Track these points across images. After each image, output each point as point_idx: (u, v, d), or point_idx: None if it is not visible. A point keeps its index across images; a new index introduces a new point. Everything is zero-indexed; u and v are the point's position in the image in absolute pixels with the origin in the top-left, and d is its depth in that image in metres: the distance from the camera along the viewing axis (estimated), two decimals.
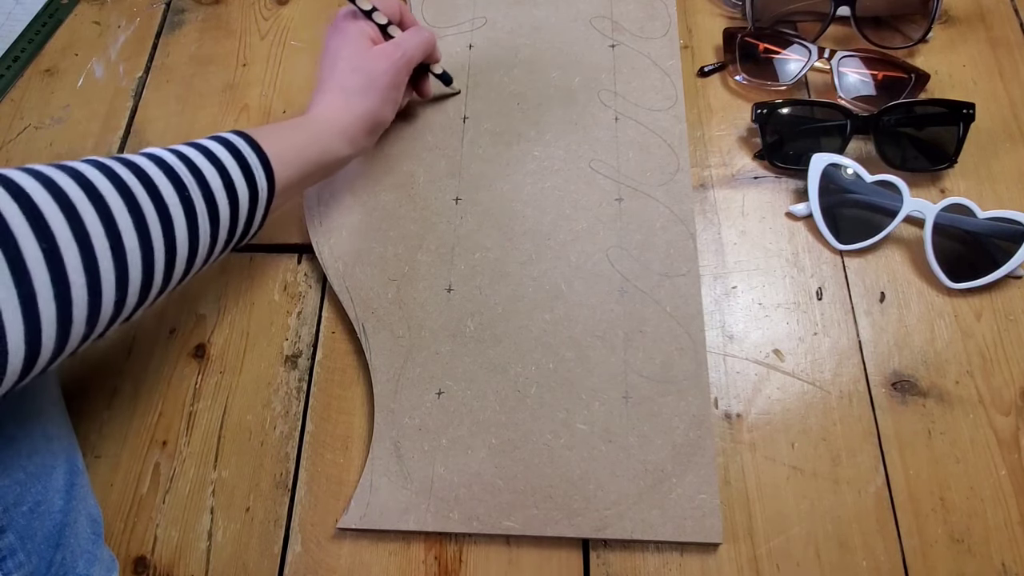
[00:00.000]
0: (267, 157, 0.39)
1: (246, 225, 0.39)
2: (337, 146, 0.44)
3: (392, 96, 0.47)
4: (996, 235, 0.48)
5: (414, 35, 0.48)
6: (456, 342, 0.47)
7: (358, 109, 0.45)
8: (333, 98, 0.45)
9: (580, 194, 0.51)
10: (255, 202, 0.39)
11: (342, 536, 0.43)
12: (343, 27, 0.47)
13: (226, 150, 0.38)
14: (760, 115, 0.53)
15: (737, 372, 0.46)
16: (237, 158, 0.38)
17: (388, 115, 0.48)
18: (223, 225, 0.37)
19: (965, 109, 0.51)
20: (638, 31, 0.58)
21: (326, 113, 0.44)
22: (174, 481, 0.45)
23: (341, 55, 0.46)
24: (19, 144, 0.58)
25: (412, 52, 0.47)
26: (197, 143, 0.38)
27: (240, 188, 0.37)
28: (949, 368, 0.46)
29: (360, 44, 0.46)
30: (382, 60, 0.46)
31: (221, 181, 0.36)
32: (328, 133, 0.44)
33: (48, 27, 0.65)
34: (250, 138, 0.39)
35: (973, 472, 0.43)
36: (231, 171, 0.37)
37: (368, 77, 0.45)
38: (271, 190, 0.40)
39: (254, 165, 0.38)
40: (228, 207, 0.37)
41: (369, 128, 0.46)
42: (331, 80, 0.46)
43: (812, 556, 0.41)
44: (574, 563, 0.42)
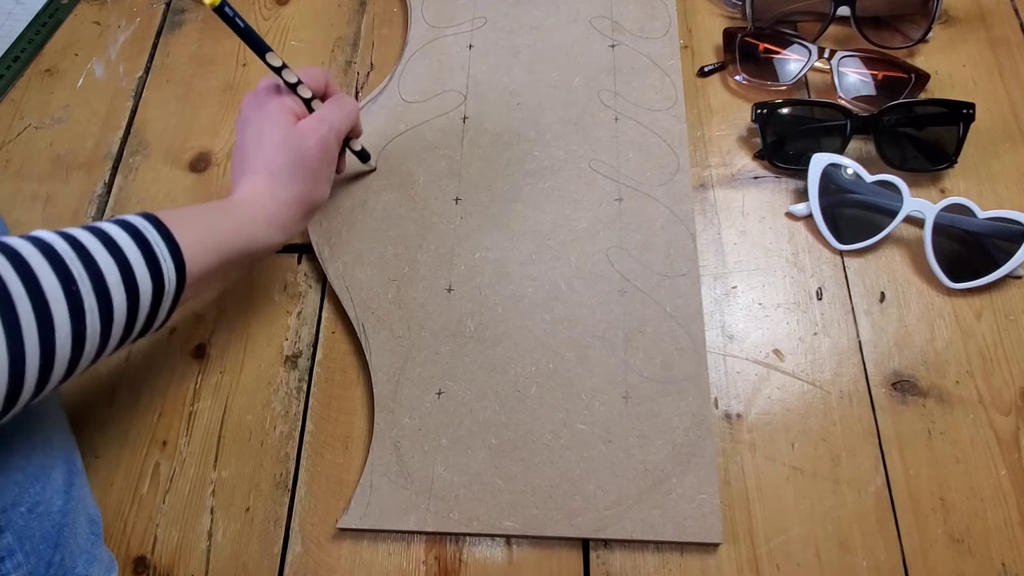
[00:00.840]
0: (178, 245, 0.35)
1: (147, 322, 0.34)
2: (264, 234, 0.40)
3: (325, 173, 0.43)
4: (996, 235, 0.48)
5: (339, 106, 0.45)
6: (456, 342, 0.47)
7: (287, 194, 0.41)
8: (259, 181, 0.41)
9: (580, 194, 0.51)
10: (159, 297, 0.34)
11: (342, 536, 0.43)
12: (264, 102, 0.43)
13: (128, 236, 0.33)
14: (760, 115, 0.53)
15: (737, 372, 0.46)
16: (141, 246, 0.33)
17: (322, 195, 0.44)
18: (117, 323, 0.32)
19: (965, 109, 0.51)
20: (638, 31, 0.58)
21: (252, 197, 0.40)
22: (174, 481, 0.45)
23: (265, 131, 0.41)
24: (19, 144, 0.58)
25: (339, 125, 0.44)
26: (95, 227, 0.33)
27: (142, 281, 0.33)
28: (949, 368, 0.46)
29: (283, 120, 0.42)
30: (309, 137, 0.42)
31: (119, 273, 0.32)
32: (254, 221, 0.40)
33: (48, 27, 0.65)
34: (159, 223, 0.35)
35: (973, 472, 0.43)
36: (132, 261, 0.32)
37: (296, 156, 0.41)
38: (180, 284, 0.35)
39: (161, 255, 0.34)
40: (125, 303, 0.32)
41: (302, 213, 0.43)
42: (255, 160, 0.41)
43: (812, 556, 0.41)
44: (574, 563, 0.42)
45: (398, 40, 0.61)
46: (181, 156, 0.57)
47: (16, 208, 0.55)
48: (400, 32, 0.62)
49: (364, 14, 0.64)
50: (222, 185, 0.55)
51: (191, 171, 0.56)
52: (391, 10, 0.63)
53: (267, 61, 0.42)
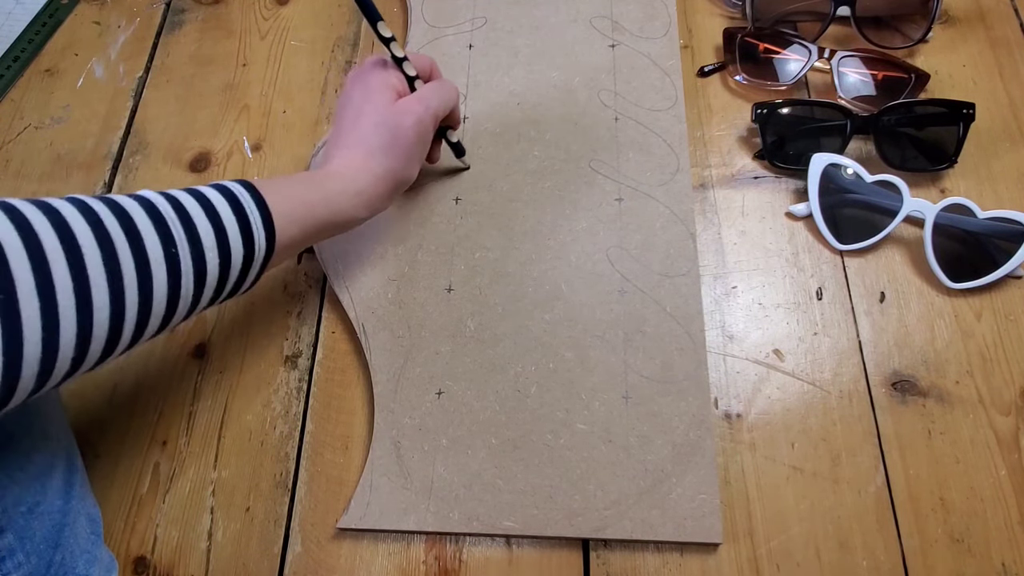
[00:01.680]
0: (270, 213, 0.36)
1: (235, 286, 0.35)
2: (352, 208, 0.40)
3: (417, 153, 0.43)
4: (996, 235, 0.48)
5: (439, 88, 0.45)
6: (456, 342, 0.47)
7: (379, 168, 0.41)
8: (353, 155, 0.41)
9: (580, 194, 0.51)
10: (249, 263, 0.35)
11: (342, 536, 0.43)
12: (368, 76, 0.43)
13: (226, 201, 0.34)
14: (760, 115, 0.53)
15: (737, 372, 0.46)
16: (237, 212, 0.34)
17: (411, 174, 0.44)
18: (209, 285, 0.33)
19: (965, 109, 0.51)
20: (638, 31, 0.58)
21: (344, 171, 0.41)
22: (174, 481, 0.45)
23: (364, 108, 0.42)
24: (19, 144, 0.58)
25: (438, 106, 0.44)
26: (196, 190, 0.34)
27: (235, 247, 0.34)
28: (949, 368, 0.46)
29: (384, 96, 0.42)
30: (407, 115, 0.42)
31: (215, 237, 0.33)
32: (344, 194, 0.40)
33: (48, 27, 0.65)
34: (255, 190, 0.36)
35: (973, 472, 0.43)
36: (228, 227, 0.33)
37: (392, 133, 0.41)
38: (269, 251, 0.36)
39: (254, 222, 0.35)
40: (218, 267, 0.33)
41: (390, 189, 0.43)
42: (352, 134, 0.42)
43: (812, 556, 0.41)
44: (574, 563, 0.42)
45: (398, 40, 0.61)
46: (181, 156, 0.57)
47: None
48: (400, 32, 0.62)
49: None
50: None
51: (191, 171, 0.56)
52: (391, 10, 0.63)
53: (378, 31, 0.42)
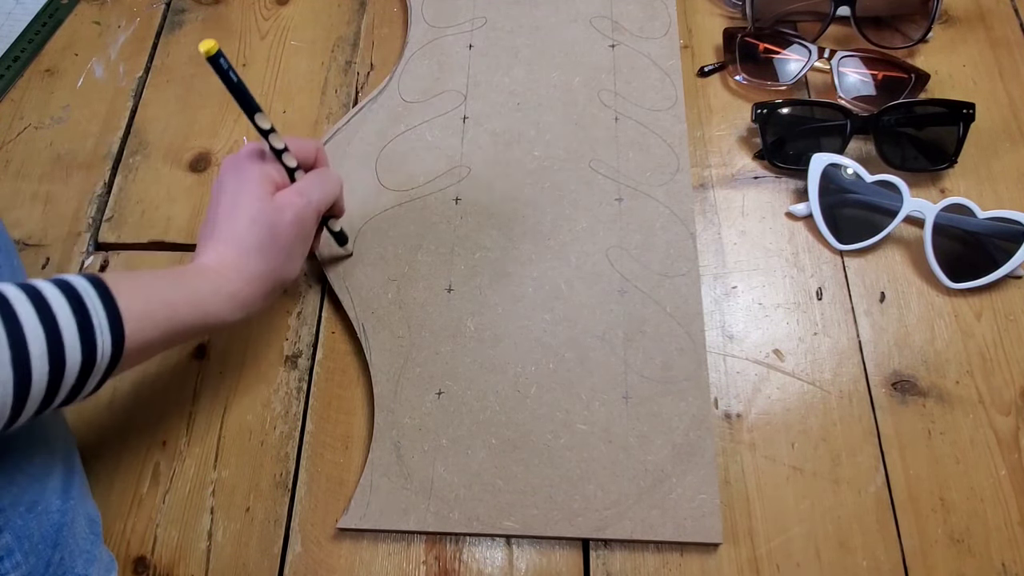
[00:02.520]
0: (120, 316, 0.31)
1: (69, 394, 0.31)
2: (223, 311, 0.37)
3: (298, 252, 0.40)
4: (996, 235, 0.48)
5: (321, 179, 0.42)
6: (456, 342, 0.47)
7: (255, 269, 0.38)
8: (226, 251, 0.38)
9: (580, 194, 0.51)
10: (88, 370, 0.31)
11: (342, 536, 0.43)
12: (245, 167, 0.40)
13: (65, 300, 0.30)
14: (760, 115, 0.53)
15: (737, 372, 0.46)
16: (78, 313, 0.30)
17: (291, 272, 0.41)
18: (33, 398, 0.29)
19: (965, 109, 0.51)
20: (638, 31, 0.58)
21: (216, 268, 0.37)
22: (174, 481, 0.45)
23: (239, 200, 0.38)
24: (19, 144, 0.58)
25: (320, 199, 0.41)
26: (31, 286, 0.30)
27: (71, 355, 0.30)
28: (949, 368, 0.46)
29: (261, 190, 0.39)
30: (287, 210, 0.39)
31: (45, 344, 0.29)
32: (215, 295, 0.36)
33: (48, 27, 0.65)
34: (104, 288, 0.32)
35: (973, 472, 0.43)
36: (63, 330, 0.29)
37: (270, 231, 0.38)
38: (115, 357, 0.32)
39: (98, 326, 0.31)
40: (46, 376, 0.29)
41: (267, 290, 0.39)
42: (226, 228, 0.38)
43: (812, 556, 0.41)
44: (574, 563, 0.42)
45: (398, 40, 0.61)
46: (181, 156, 0.57)
47: (16, 208, 0.55)
48: (400, 32, 0.62)
49: (364, 14, 0.64)
50: None
51: (191, 171, 0.56)
52: (391, 10, 0.63)
53: (255, 122, 0.39)
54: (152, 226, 0.54)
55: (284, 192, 0.40)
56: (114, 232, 0.54)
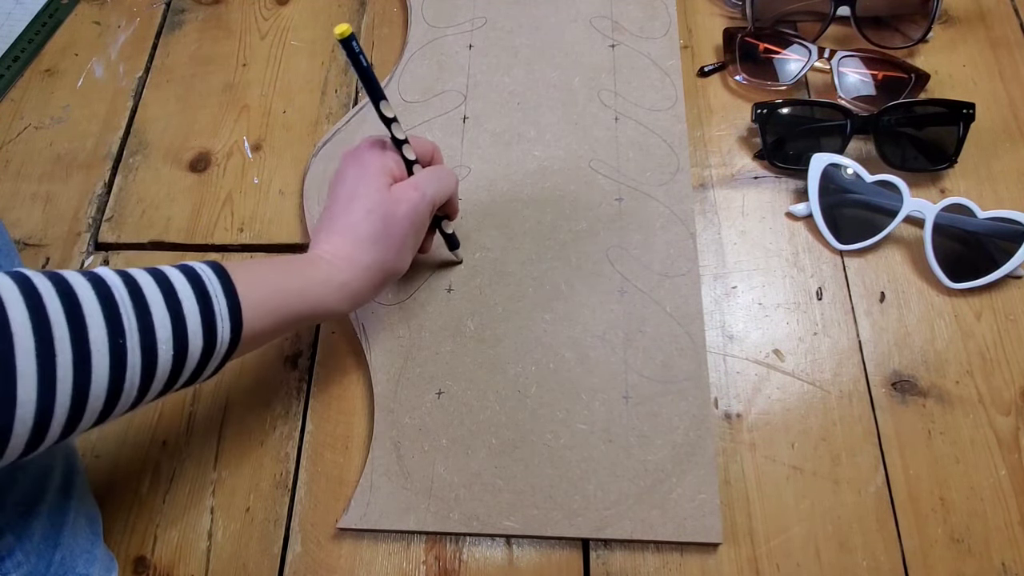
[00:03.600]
0: (239, 303, 0.32)
1: (189, 380, 0.32)
2: (334, 301, 0.37)
3: (410, 244, 0.40)
4: (996, 235, 0.48)
5: (438, 175, 0.42)
6: (456, 342, 0.47)
7: (368, 259, 0.38)
8: (341, 241, 0.38)
9: (580, 194, 0.51)
10: (208, 356, 0.32)
11: (342, 536, 0.43)
12: (365, 158, 0.40)
13: (190, 287, 0.31)
14: (760, 115, 0.53)
15: (737, 372, 0.46)
16: (201, 299, 0.31)
17: (402, 266, 0.41)
18: (159, 379, 0.30)
19: (965, 109, 0.51)
20: (638, 31, 0.58)
21: (329, 258, 0.38)
22: (174, 481, 0.45)
23: (358, 191, 0.39)
24: (19, 144, 0.58)
25: (435, 194, 0.40)
26: (158, 271, 0.31)
27: (193, 340, 0.31)
28: (949, 368, 0.46)
29: (379, 181, 0.39)
30: (402, 203, 0.39)
31: (171, 329, 0.30)
32: (326, 284, 0.37)
33: (48, 27, 0.65)
34: (224, 274, 0.33)
35: (973, 472, 0.43)
36: (188, 317, 0.30)
37: (385, 222, 0.38)
38: (233, 344, 0.33)
39: (219, 312, 0.32)
40: (171, 360, 0.30)
41: (378, 282, 0.39)
42: (342, 218, 0.39)
43: (812, 556, 0.41)
44: (574, 563, 0.42)
45: (398, 40, 0.61)
46: (181, 156, 0.57)
47: (16, 208, 0.55)
48: (400, 32, 0.62)
49: (364, 14, 0.64)
50: (221, 185, 0.55)
51: (191, 171, 0.56)
52: (391, 10, 0.63)
53: (380, 110, 0.39)
54: (152, 226, 0.54)
55: (401, 184, 0.40)
56: (114, 232, 0.54)
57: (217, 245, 0.53)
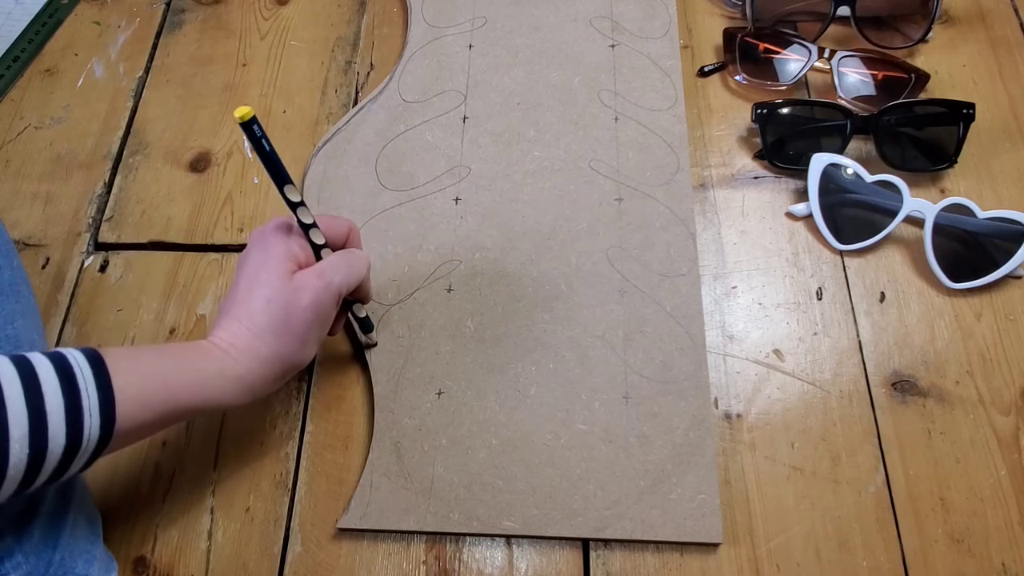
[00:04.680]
0: (112, 398, 0.30)
1: (52, 477, 0.30)
2: (228, 394, 0.35)
3: (314, 335, 0.38)
4: (996, 235, 0.48)
5: (346, 260, 0.39)
6: (456, 342, 0.47)
7: (266, 351, 0.36)
8: (239, 330, 0.36)
9: (580, 194, 0.51)
10: (71, 455, 0.29)
11: (342, 536, 0.43)
12: (269, 242, 0.38)
13: (57, 378, 0.29)
14: (760, 115, 0.53)
15: (737, 372, 0.46)
16: (68, 393, 0.29)
17: (305, 357, 0.38)
18: (9, 480, 0.28)
19: (965, 109, 0.51)
20: (638, 31, 0.58)
21: (225, 348, 0.35)
22: (174, 481, 0.45)
23: (260, 278, 0.36)
24: (19, 144, 0.58)
25: (341, 282, 0.38)
26: (23, 359, 0.29)
27: (54, 438, 0.28)
28: (949, 368, 0.46)
29: (281, 267, 0.37)
30: (306, 293, 0.36)
31: (27, 426, 0.27)
32: (221, 377, 0.35)
33: (48, 27, 0.65)
34: (100, 364, 0.30)
35: (973, 472, 0.43)
36: (49, 412, 0.28)
37: (285, 312, 0.36)
38: (103, 442, 0.30)
39: (88, 408, 0.29)
40: (26, 460, 0.28)
41: (277, 375, 0.37)
42: (242, 305, 0.36)
43: (812, 556, 0.41)
44: (574, 563, 0.42)
45: (398, 40, 0.61)
46: (181, 156, 0.57)
47: (16, 208, 0.55)
48: (400, 32, 0.62)
49: (364, 14, 0.64)
50: (221, 185, 0.55)
51: (191, 171, 0.56)
52: (391, 10, 0.63)
53: (285, 194, 0.37)
54: (152, 226, 0.54)
55: (304, 272, 0.38)
56: (114, 232, 0.54)
57: (217, 245, 0.53)
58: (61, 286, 0.52)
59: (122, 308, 0.51)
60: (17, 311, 0.41)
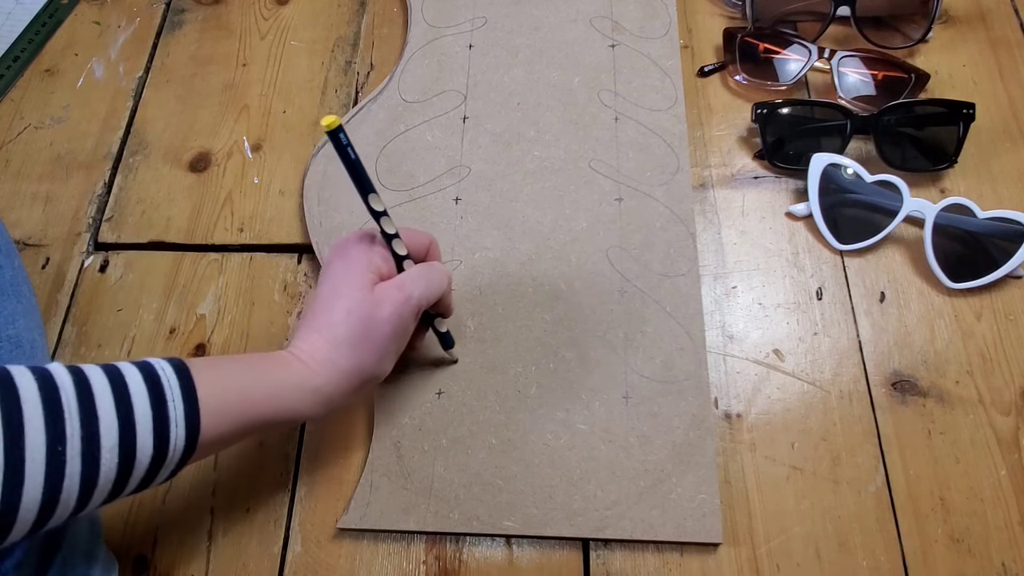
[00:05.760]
0: (198, 407, 0.30)
1: (139, 487, 0.30)
2: (305, 407, 0.35)
3: (392, 349, 0.37)
4: (996, 235, 0.48)
5: (427, 274, 0.39)
6: (456, 342, 0.47)
7: (345, 363, 0.36)
8: (318, 341, 0.36)
9: (580, 194, 0.51)
10: (158, 465, 0.30)
11: (342, 536, 0.43)
12: (350, 253, 0.37)
13: (145, 388, 0.29)
14: (760, 115, 0.53)
15: (737, 372, 0.46)
16: (156, 402, 0.29)
17: (383, 370, 0.38)
18: (101, 489, 0.28)
19: (965, 109, 0.51)
20: (638, 31, 0.58)
21: (303, 359, 0.35)
22: (174, 481, 0.45)
23: (340, 289, 0.36)
24: (19, 144, 0.58)
25: (422, 295, 0.37)
26: (114, 368, 0.29)
27: (142, 448, 0.29)
28: (949, 368, 0.46)
29: (363, 279, 0.36)
30: (385, 305, 0.36)
31: (118, 436, 0.28)
32: (298, 389, 0.35)
33: (48, 27, 0.65)
34: (186, 374, 0.31)
35: (973, 472, 0.43)
36: (138, 422, 0.28)
37: (365, 325, 0.36)
38: (188, 453, 0.31)
39: (175, 418, 0.30)
40: (115, 469, 0.28)
41: (354, 388, 0.37)
42: (322, 317, 0.36)
43: (812, 556, 0.41)
44: (574, 563, 0.42)
45: (398, 40, 0.62)
46: (181, 156, 0.57)
47: (16, 208, 0.55)
48: (400, 32, 0.62)
49: (364, 14, 0.64)
50: (221, 185, 0.55)
51: (191, 171, 0.56)
52: (391, 10, 0.63)
53: (369, 204, 0.37)
54: (152, 226, 0.54)
55: (385, 284, 0.37)
56: (114, 232, 0.54)
57: (217, 245, 0.53)
58: (61, 286, 0.52)
59: (122, 308, 0.51)
60: (18, 311, 0.41)
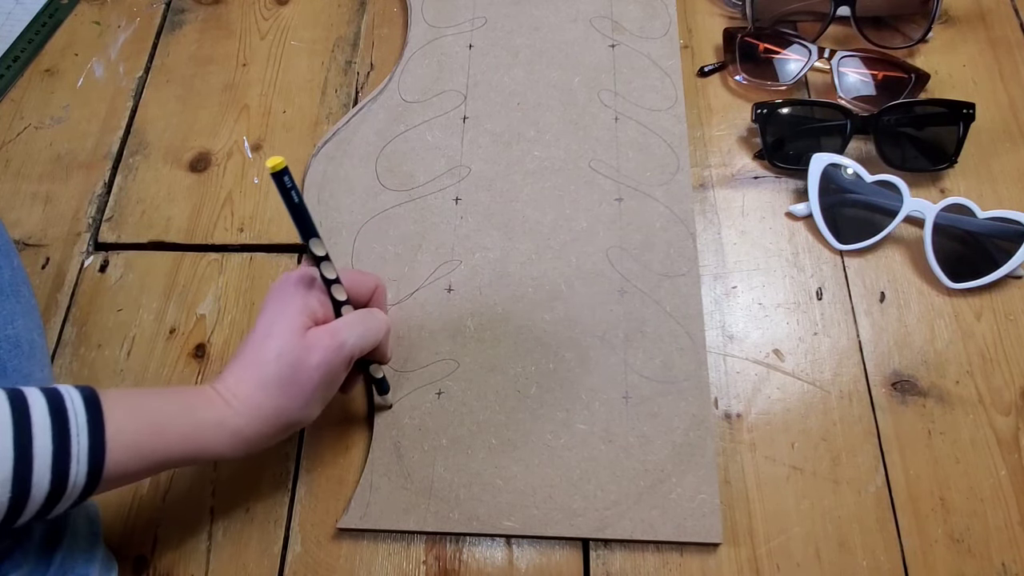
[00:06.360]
0: (103, 444, 0.29)
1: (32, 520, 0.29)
2: (222, 446, 0.34)
3: (320, 396, 0.37)
4: (996, 235, 0.48)
5: (363, 321, 0.38)
6: (456, 342, 0.47)
7: (269, 405, 0.35)
8: (244, 379, 0.35)
9: (580, 194, 0.51)
10: (54, 500, 0.28)
11: (342, 536, 0.43)
12: (288, 293, 0.37)
13: (49, 419, 0.28)
14: (760, 115, 0.53)
15: (737, 372, 0.46)
16: (58, 434, 0.28)
17: (308, 417, 0.37)
18: None
19: (965, 109, 0.51)
20: (638, 31, 0.58)
21: (227, 397, 0.35)
22: (174, 481, 0.45)
23: (273, 330, 0.36)
24: (19, 144, 0.58)
25: (355, 344, 0.37)
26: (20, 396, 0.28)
27: (38, 483, 0.27)
28: (949, 368, 0.46)
29: (296, 322, 0.36)
30: (316, 351, 0.35)
31: (12, 468, 0.26)
32: (217, 428, 0.34)
33: (48, 27, 0.65)
34: (95, 408, 0.29)
35: (973, 472, 0.43)
36: (36, 454, 0.27)
37: (293, 369, 0.35)
38: (89, 489, 0.29)
39: (76, 453, 0.28)
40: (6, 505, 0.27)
41: (276, 431, 0.36)
42: (251, 356, 0.36)
43: (812, 556, 0.41)
44: (574, 563, 0.42)
45: (398, 40, 0.61)
46: (181, 156, 0.57)
47: (16, 208, 0.55)
48: (400, 32, 0.62)
49: (364, 14, 0.64)
50: (221, 185, 0.55)
51: (191, 171, 0.56)
52: (391, 10, 0.63)
53: (310, 247, 0.36)
54: (152, 226, 0.54)
55: (318, 330, 0.36)
56: (114, 232, 0.54)
57: (217, 245, 0.53)
58: (61, 286, 0.52)
59: (122, 308, 0.51)
60: (18, 311, 0.41)
